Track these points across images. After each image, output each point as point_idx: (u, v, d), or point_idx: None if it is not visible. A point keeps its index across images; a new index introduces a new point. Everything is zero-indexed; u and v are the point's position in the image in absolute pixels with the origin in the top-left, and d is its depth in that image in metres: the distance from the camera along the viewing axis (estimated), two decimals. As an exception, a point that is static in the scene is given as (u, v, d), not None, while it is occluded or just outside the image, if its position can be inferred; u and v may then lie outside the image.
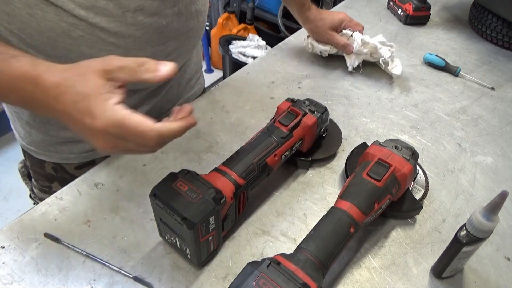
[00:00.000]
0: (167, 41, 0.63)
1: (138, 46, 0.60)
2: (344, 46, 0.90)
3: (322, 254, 0.47)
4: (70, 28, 0.54)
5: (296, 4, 0.89)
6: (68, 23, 0.53)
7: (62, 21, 0.53)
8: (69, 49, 0.56)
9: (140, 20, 0.57)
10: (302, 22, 0.93)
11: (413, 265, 0.56)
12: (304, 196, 0.65)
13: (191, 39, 0.69)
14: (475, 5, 1.13)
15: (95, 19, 0.54)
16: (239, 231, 0.59)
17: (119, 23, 0.56)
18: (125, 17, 0.56)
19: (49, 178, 0.77)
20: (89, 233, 0.57)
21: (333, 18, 0.90)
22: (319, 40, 0.93)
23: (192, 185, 0.49)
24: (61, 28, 0.53)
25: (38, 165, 0.76)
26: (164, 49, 0.64)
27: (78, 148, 0.71)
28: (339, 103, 0.84)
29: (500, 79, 0.95)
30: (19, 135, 0.74)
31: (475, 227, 0.47)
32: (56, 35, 0.54)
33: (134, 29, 0.58)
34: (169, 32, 0.62)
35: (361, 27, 0.92)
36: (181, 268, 0.54)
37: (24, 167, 0.84)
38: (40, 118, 0.67)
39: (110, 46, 0.58)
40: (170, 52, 0.66)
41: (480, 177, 0.70)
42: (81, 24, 0.54)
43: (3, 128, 2.11)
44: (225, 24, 2.49)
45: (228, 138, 0.73)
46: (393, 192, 0.56)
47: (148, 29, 0.59)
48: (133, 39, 0.59)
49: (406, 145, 0.60)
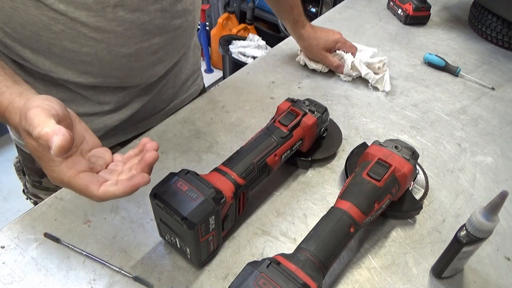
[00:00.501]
0: (151, 38, 0.63)
1: (120, 42, 0.59)
2: (337, 67, 0.90)
3: (322, 254, 0.47)
4: (51, 22, 0.54)
5: (289, 21, 0.88)
6: (49, 17, 0.53)
7: (43, 15, 0.53)
8: (52, 43, 0.56)
9: (121, 16, 0.57)
10: (296, 39, 0.92)
11: (413, 265, 0.56)
12: (304, 196, 0.65)
13: (180, 37, 0.69)
14: (475, 5, 1.13)
15: (74, 13, 0.54)
16: (239, 231, 0.59)
17: (99, 18, 0.55)
18: (105, 12, 0.55)
19: (39, 173, 0.78)
20: (89, 233, 0.57)
21: (328, 38, 0.89)
22: (312, 59, 0.93)
23: (192, 185, 0.49)
24: (42, 22, 0.53)
25: (29, 160, 0.77)
26: (149, 46, 0.63)
27: None
28: (339, 103, 0.84)
29: (500, 79, 0.95)
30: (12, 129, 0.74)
31: (475, 227, 0.47)
32: (38, 28, 0.54)
33: (115, 24, 0.57)
34: (153, 29, 0.62)
35: (354, 49, 0.92)
36: (181, 268, 0.54)
37: (18, 162, 0.84)
38: None
39: (91, 41, 0.57)
40: (157, 50, 0.65)
41: (480, 177, 0.70)
42: (62, 18, 0.54)
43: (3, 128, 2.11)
44: (225, 24, 2.49)
45: (228, 138, 0.73)
46: (393, 192, 0.56)
47: (129, 25, 0.58)
48: (114, 35, 0.58)
49: (406, 145, 0.60)
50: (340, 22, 1.14)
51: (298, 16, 0.87)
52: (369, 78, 0.88)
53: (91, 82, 0.64)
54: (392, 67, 0.96)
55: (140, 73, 0.67)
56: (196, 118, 0.77)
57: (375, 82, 0.88)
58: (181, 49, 0.74)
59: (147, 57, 0.65)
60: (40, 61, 0.59)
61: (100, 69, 0.62)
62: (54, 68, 0.60)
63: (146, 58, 0.65)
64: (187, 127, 0.75)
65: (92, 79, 0.63)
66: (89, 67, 0.61)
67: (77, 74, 0.62)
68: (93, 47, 0.58)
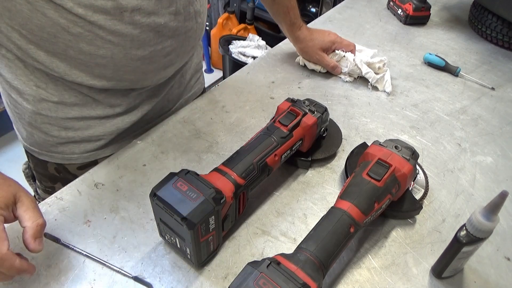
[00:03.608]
0: (165, 41, 0.64)
1: (135, 45, 0.60)
2: (333, 68, 0.90)
3: (322, 254, 0.47)
4: (69, 24, 0.55)
5: (286, 23, 0.88)
6: (68, 20, 0.54)
7: (61, 17, 0.54)
8: (68, 46, 0.57)
9: (138, 20, 0.58)
10: (293, 41, 0.92)
11: (413, 265, 0.56)
12: (304, 196, 0.65)
13: (190, 39, 0.69)
14: (475, 5, 1.13)
15: (93, 17, 0.55)
16: (239, 231, 0.59)
17: (117, 22, 0.57)
18: (123, 16, 0.57)
19: (52, 179, 0.78)
20: (89, 233, 0.57)
21: (323, 39, 0.89)
22: (309, 60, 0.92)
23: (192, 185, 0.49)
24: (60, 24, 0.54)
25: (40, 166, 0.76)
26: (162, 49, 0.64)
27: (80, 148, 0.72)
28: (339, 103, 0.84)
29: (500, 79, 0.95)
30: (22, 136, 0.74)
31: (475, 227, 0.47)
32: (56, 31, 0.55)
33: (131, 28, 0.58)
34: (167, 32, 0.63)
35: (352, 46, 0.92)
36: (181, 268, 0.54)
37: (28, 168, 0.84)
38: (42, 118, 0.67)
39: (108, 44, 0.58)
40: (169, 52, 0.66)
41: (480, 177, 0.70)
42: (80, 21, 0.55)
43: (3, 128, 2.12)
44: (225, 24, 2.49)
45: (228, 138, 0.73)
46: (393, 192, 0.56)
47: (145, 28, 0.59)
48: (130, 38, 0.59)
49: (406, 145, 0.60)
50: (340, 22, 1.14)
51: (294, 19, 0.87)
52: (369, 77, 0.88)
53: (104, 85, 0.64)
54: (392, 67, 0.96)
55: (152, 76, 0.68)
56: (196, 118, 0.77)
57: (375, 82, 0.88)
58: (190, 51, 0.74)
59: (160, 60, 0.66)
60: (54, 64, 0.59)
61: (114, 71, 0.63)
62: (68, 71, 0.60)
63: (159, 60, 0.66)
64: (187, 127, 0.75)
65: (105, 82, 0.64)
66: (104, 70, 0.62)
67: (91, 76, 0.62)
68: (109, 49, 0.59)
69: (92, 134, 0.70)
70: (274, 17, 0.91)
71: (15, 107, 0.69)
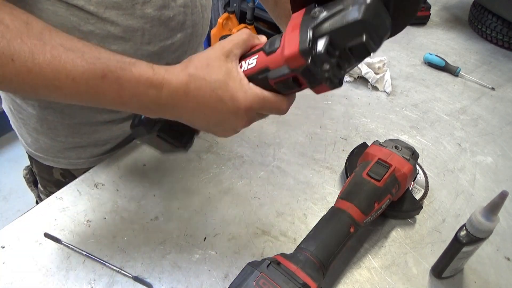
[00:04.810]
0: (173, 35, 0.64)
1: (146, 40, 0.60)
2: None
3: (322, 254, 0.47)
4: (81, 22, 0.54)
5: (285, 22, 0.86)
6: (79, 17, 0.54)
7: (73, 15, 0.54)
8: None
9: (149, 13, 0.58)
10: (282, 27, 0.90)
11: (413, 265, 0.56)
12: (304, 196, 0.65)
13: (197, 34, 0.69)
14: (475, 5, 1.13)
15: (105, 13, 0.55)
16: (239, 231, 0.59)
17: (128, 16, 0.57)
18: (134, 10, 0.57)
19: (57, 184, 0.76)
20: (89, 233, 0.57)
21: None
22: None
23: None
24: (72, 22, 0.54)
25: (46, 172, 0.75)
26: (171, 44, 0.64)
27: (86, 153, 0.71)
28: (339, 103, 0.84)
29: (500, 79, 0.95)
30: (26, 142, 0.73)
31: (475, 227, 0.47)
32: (67, 29, 0.54)
33: (142, 22, 0.58)
34: (176, 25, 0.63)
35: None
36: (181, 268, 0.54)
37: (29, 174, 0.83)
38: (48, 124, 0.67)
39: (119, 40, 0.58)
40: (177, 48, 0.66)
41: (480, 177, 0.70)
42: (92, 18, 0.54)
43: (3, 128, 2.11)
44: (225, 24, 2.49)
45: (228, 138, 0.73)
46: (393, 192, 0.56)
47: (156, 22, 0.59)
48: (141, 33, 0.59)
49: (406, 145, 0.60)
50: (340, 22, 1.13)
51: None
52: (369, 77, 0.88)
53: None
54: (392, 67, 0.96)
55: None
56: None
57: (375, 82, 0.88)
58: (197, 48, 0.74)
59: (169, 56, 0.66)
60: None
61: None
62: None
63: (168, 56, 0.65)
64: (187, 127, 0.75)
65: None
66: None
67: None
68: (121, 45, 0.59)
69: (98, 138, 0.70)
70: (277, 20, 0.90)
71: (19, 113, 0.68)
